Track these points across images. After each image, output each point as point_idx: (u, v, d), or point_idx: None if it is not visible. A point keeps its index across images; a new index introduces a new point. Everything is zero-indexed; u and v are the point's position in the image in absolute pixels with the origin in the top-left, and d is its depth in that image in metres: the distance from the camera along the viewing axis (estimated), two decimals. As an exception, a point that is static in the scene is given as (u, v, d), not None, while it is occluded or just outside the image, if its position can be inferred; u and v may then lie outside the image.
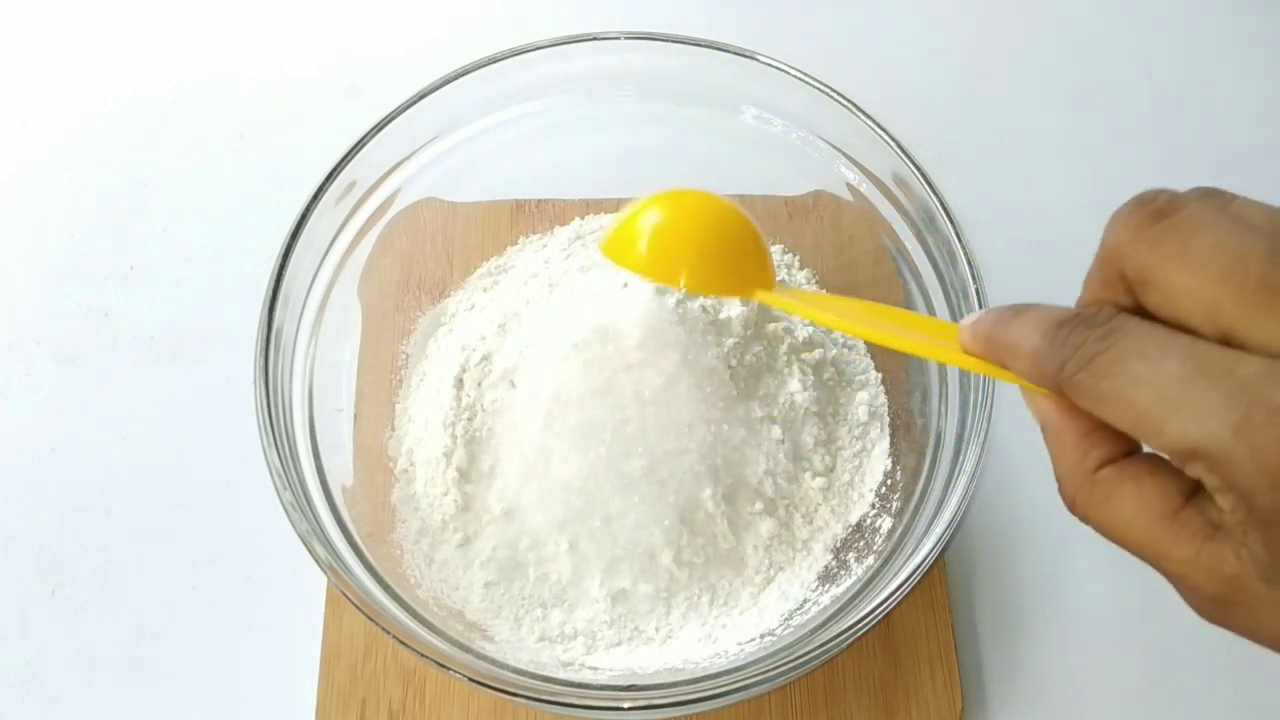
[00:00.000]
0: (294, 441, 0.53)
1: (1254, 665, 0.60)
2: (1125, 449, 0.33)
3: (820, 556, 0.57)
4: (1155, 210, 0.31)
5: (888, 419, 0.60)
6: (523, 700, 0.47)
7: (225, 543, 0.62)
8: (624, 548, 0.55)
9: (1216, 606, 0.31)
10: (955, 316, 0.56)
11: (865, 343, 0.63)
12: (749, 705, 0.57)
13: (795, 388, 0.57)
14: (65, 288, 0.71)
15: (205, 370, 0.68)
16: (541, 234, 0.67)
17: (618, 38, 0.60)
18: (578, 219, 0.67)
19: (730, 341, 0.56)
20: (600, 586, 0.55)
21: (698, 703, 0.47)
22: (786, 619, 0.55)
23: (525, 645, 0.54)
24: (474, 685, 0.47)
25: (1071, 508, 0.34)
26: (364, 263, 0.60)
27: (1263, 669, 0.60)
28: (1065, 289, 0.70)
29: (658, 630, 0.55)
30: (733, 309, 0.56)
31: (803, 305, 0.47)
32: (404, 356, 0.63)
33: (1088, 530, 0.64)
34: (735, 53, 0.59)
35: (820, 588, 0.56)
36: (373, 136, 0.58)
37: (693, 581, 0.55)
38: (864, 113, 0.57)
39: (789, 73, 0.58)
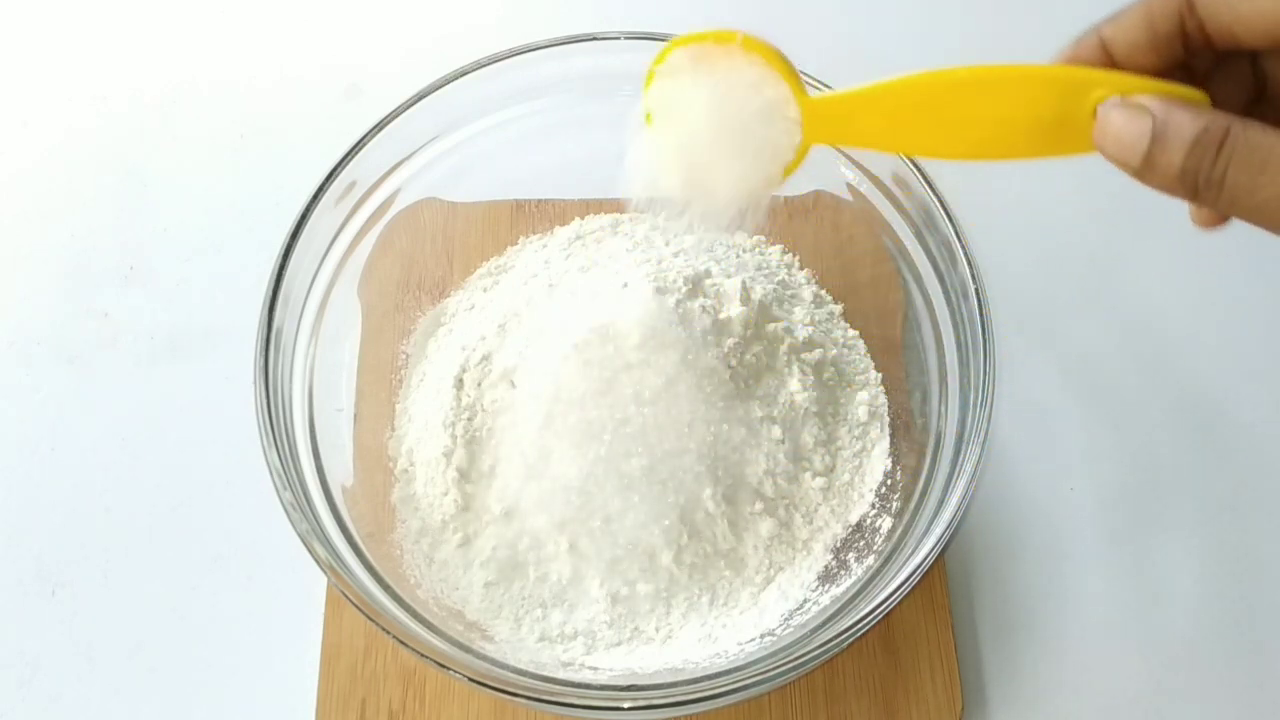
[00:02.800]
0: (294, 441, 0.53)
1: (1252, 665, 0.60)
2: None
3: (820, 556, 0.57)
4: None
5: (888, 419, 0.60)
6: (523, 700, 0.47)
7: (225, 543, 0.62)
8: (624, 548, 0.55)
9: None
10: (955, 316, 0.55)
11: (865, 343, 0.63)
12: (749, 705, 0.57)
13: (795, 388, 0.57)
14: (65, 288, 0.71)
15: (205, 370, 0.68)
16: (541, 234, 0.67)
17: (618, 38, 0.60)
18: (578, 219, 0.67)
19: (730, 341, 0.56)
20: (600, 586, 0.55)
21: (698, 703, 0.47)
22: (786, 619, 0.55)
23: (525, 645, 0.54)
24: (474, 685, 0.47)
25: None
26: (364, 263, 0.60)
27: (1261, 669, 0.60)
28: (1065, 288, 0.70)
29: (658, 630, 0.55)
30: (733, 309, 0.56)
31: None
32: (404, 356, 0.63)
33: (1087, 530, 0.63)
34: (735, 52, 0.59)
35: (820, 588, 0.56)
36: (373, 136, 0.58)
37: (693, 581, 0.55)
38: (864, 112, 0.57)
39: (789, 73, 0.58)
